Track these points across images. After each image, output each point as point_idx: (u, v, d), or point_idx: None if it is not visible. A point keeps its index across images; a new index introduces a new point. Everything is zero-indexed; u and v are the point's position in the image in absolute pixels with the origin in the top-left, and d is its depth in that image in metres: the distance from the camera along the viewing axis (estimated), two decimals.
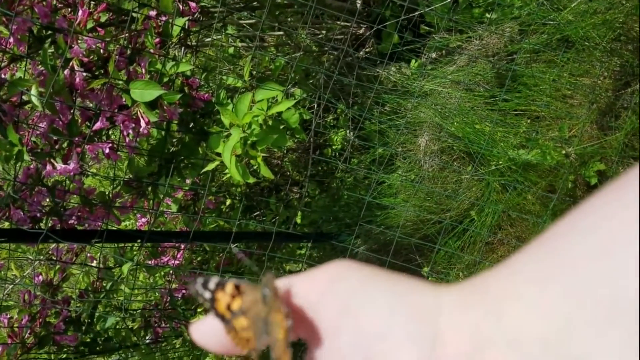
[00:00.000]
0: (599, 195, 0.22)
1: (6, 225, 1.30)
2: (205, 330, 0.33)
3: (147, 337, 1.59)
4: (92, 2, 1.16)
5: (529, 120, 1.55)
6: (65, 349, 1.50)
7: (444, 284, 0.27)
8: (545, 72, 1.50)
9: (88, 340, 1.51)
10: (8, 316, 1.44)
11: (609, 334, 0.20)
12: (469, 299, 0.25)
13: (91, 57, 1.19)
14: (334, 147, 1.64)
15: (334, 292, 0.28)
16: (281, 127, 1.32)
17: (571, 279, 0.21)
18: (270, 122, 1.30)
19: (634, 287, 0.20)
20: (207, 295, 0.33)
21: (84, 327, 1.46)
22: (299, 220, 1.62)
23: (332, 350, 0.27)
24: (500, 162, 1.45)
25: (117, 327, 1.53)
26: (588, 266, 0.21)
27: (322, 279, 0.30)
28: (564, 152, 1.43)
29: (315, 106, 1.54)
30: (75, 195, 1.33)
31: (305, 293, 0.30)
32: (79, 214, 1.33)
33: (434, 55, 1.61)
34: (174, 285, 1.56)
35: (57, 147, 1.25)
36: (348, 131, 1.63)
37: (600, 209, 0.22)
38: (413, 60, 1.66)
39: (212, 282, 0.33)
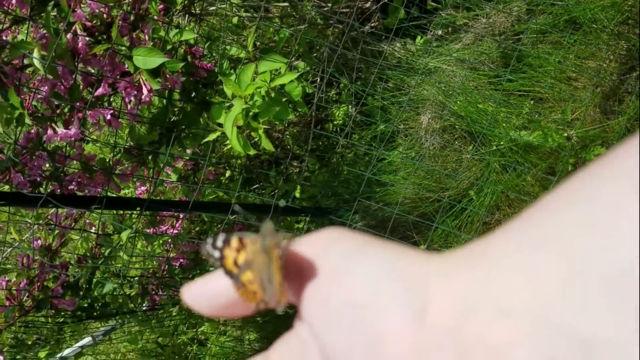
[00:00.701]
0: (599, 161, 0.22)
1: (6, 188, 1.30)
2: (197, 292, 0.33)
3: (144, 305, 1.61)
4: None
5: (532, 102, 1.54)
6: (62, 313, 1.51)
7: (435, 253, 0.27)
8: (551, 54, 1.49)
9: (85, 305, 1.52)
10: (6, 279, 1.46)
11: (603, 304, 0.19)
12: (459, 266, 0.25)
13: (94, 21, 1.18)
14: (335, 122, 1.63)
15: (326, 257, 0.29)
16: (283, 99, 1.31)
17: (568, 245, 0.21)
18: (272, 94, 1.30)
19: (631, 257, 0.20)
20: (217, 254, 0.33)
21: (81, 293, 1.48)
22: (297, 194, 1.62)
23: (321, 314, 0.27)
24: (502, 143, 1.45)
25: (115, 293, 1.54)
26: (586, 233, 0.20)
27: (315, 243, 0.30)
28: (565, 134, 1.42)
29: (318, 80, 1.52)
30: (75, 161, 1.33)
31: (298, 257, 0.30)
32: (79, 179, 1.34)
33: (440, 32, 1.60)
34: (172, 254, 1.57)
35: (58, 112, 1.24)
36: (350, 106, 1.62)
37: (601, 175, 0.22)
38: (419, 37, 1.64)
39: (220, 240, 0.33)
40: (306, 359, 0.31)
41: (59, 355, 1.68)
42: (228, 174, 1.61)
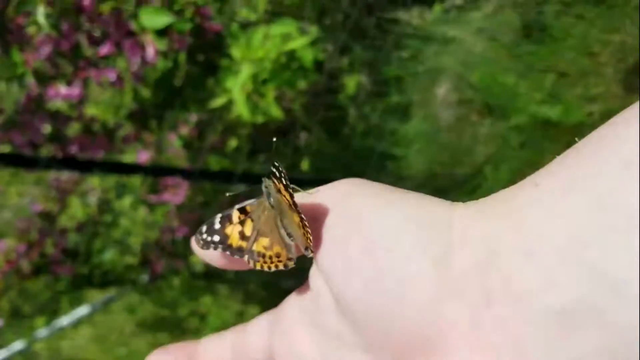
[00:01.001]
0: (630, 107, 0.21)
1: (6, 149, 1.28)
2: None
3: (144, 274, 1.59)
4: None
5: (553, 76, 1.51)
6: (61, 280, 1.50)
7: (460, 203, 0.26)
8: (574, 27, 1.45)
9: (85, 272, 1.50)
10: (5, 243, 1.44)
11: (629, 246, 0.19)
12: (485, 212, 0.24)
13: None
14: (347, 92, 1.60)
15: (345, 205, 0.28)
16: (294, 65, 1.28)
17: (597, 184, 0.20)
18: (283, 60, 1.26)
19: None
20: (217, 237, 0.31)
21: (81, 259, 1.46)
22: (305, 166, 1.59)
23: (339, 262, 0.27)
24: (520, 118, 1.42)
25: (115, 261, 1.53)
26: (612, 174, 0.20)
27: (333, 193, 0.29)
28: (587, 110, 1.40)
29: (331, 47, 1.49)
30: (76, 123, 1.31)
31: (315, 206, 0.29)
32: (80, 142, 1.31)
33: (458, 0, 1.56)
34: (174, 224, 1.54)
35: (61, 71, 1.22)
36: (363, 76, 1.58)
37: (626, 120, 0.20)
38: (437, 5, 1.61)
39: (216, 221, 0.31)
40: (320, 311, 0.30)
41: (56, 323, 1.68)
42: (234, 142, 1.57)
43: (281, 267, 0.31)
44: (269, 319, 0.35)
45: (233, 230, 0.31)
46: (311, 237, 0.29)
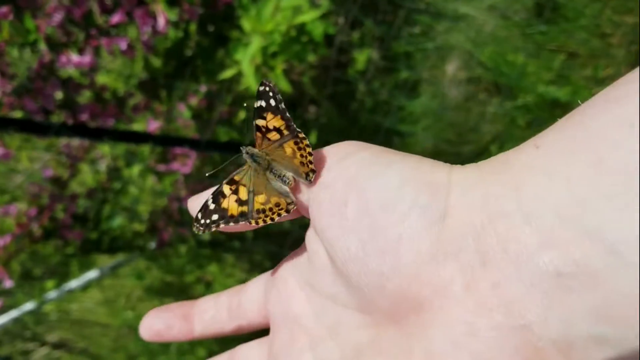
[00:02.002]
0: (634, 70, 0.21)
1: (18, 115, 1.29)
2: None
3: (152, 241, 1.61)
4: None
5: (563, 56, 1.49)
6: (70, 245, 1.51)
7: (459, 165, 0.26)
8: (587, 7, 1.42)
9: (93, 237, 1.52)
10: (17, 207, 1.46)
11: (628, 207, 0.19)
12: (485, 175, 0.24)
13: None
14: (356, 66, 1.58)
15: (343, 167, 0.28)
16: (304, 39, 1.27)
17: (597, 147, 0.20)
18: (293, 33, 1.25)
19: None
20: (215, 216, 0.32)
21: (90, 225, 1.48)
22: (313, 139, 1.59)
23: (336, 220, 0.27)
24: (528, 98, 1.40)
25: (123, 228, 1.54)
26: (616, 135, 0.20)
27: (332, 154, 0.29)
28: (595, 92, 1.38)
29: (342, 20, 1.47)
30: (88, 91, 1.31)
31: (315, 167, 0.30)
32: (91, 110, 1.32)
33: None
34: (182, 193, 1.56)
35: (72, 39, 1.22)
36: (373, 51, 1.57)
37: (629, 83, 0.21)
38: None
39: (209, 203, 0.32)
40: (315, 272, 0.30)
41: (65, 286, 1.70)
42: (242, 115, 1.57)
43: (284, 213, 0.31)
44: (265, 281, 0.36)
45: (229, 202, 0.32)
46: (311, 159, 0.29)
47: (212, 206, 0.32)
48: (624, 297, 0.19)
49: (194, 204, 0.33)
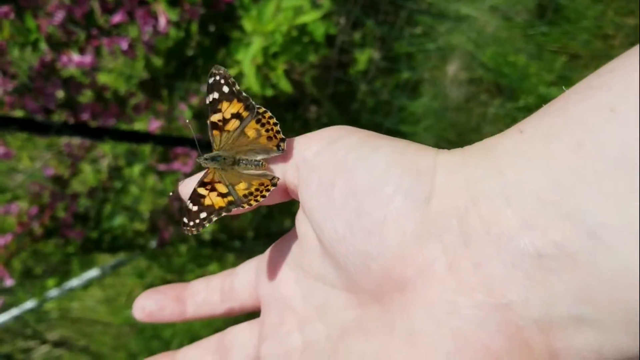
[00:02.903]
0: (617, 58, 0.21)
1: (20, 114, 1.29)
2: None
3: (153, 240, 1.61)
4: None
5: (565, 58, 1.48)
6: (71, 244, 1.52)
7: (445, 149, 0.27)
8: (589, 8, 1.42)
9: (94, 237, 1.52)
10: (18, 206, 1.46)
11: (608, 191, 0.19)
12: (469, 159, 0.25)
13: None
14: (358, 66, 1.58)
15: (331, 150, 0.28)
16: (305, 39, 1.27)
17: (579, 132, 0.21)
18: (294, 33, 1.25)
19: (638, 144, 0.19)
20: (204, 214, 0.31)
21: (91, 224, 1.48)
22: None
23: (324, 202, 0.27)
24: (530, 99, 1.40)
25: (124, 227, 1.54)
26: (597, 120, 0.20)
27: (320, 138, 0.30)
28: None
29: (343, 20, 1.47)
30: (89, 90, 1.31)
31: (302, 150, 0.30)
32: (92, 109, 1.32)
33: None
34: None
35: (73, 38, 1.22)
36: (374, 51, 1.57)
37: (613, 70, 0.21)
38: None
39: (190, 207, 0.32)
40: (304, 254, 0.31)
41: (66, 284, 1.70)
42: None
43: (272, 188, 0.31)
44: (256, 264, 0.37)
45: (212, 198, 0.32)
46: (278, 129, 0.30)
47: (194, 208, 0.32)
48: (602, 279, 0.19)
49: (185, 189, 0.33)
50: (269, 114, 0.31)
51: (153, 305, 0.38)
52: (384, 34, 1.53)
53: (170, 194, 1.44)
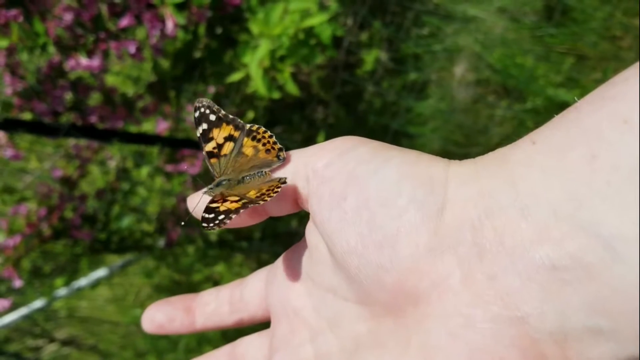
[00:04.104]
0: (631, 67, 0.21)
1: (28, 116, 1.29)
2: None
3: (161, 241, 1.61)
4: None
5: (573, 59, 1.48)
6: (80, 244, 1.52)
7: (457, 160, 0.27)
8: (598, 9, 1.41)
9: (103, 237, 1.53)
10: (27, 207, 1.47)
11: (622, 203, 0.19)
12: (482, 170, 0.25)
13: None
14: (365, 67, 1.58)
15: (342, 162, 0.28)
16: (312, 42, 1.26)
17: (593, 143, 0.20)
18: (301, 36, 1.25)
19: None
20: (222, 216, 0.31)
21: (99, 225, 1.48)
22: (321, 140, 1.59)
23: (336, 215, 0.27)
24: (537, 101, 1.40)
25: (132, 228, 1.55)
26: (610, 131, 0.20)
27: (330, 149, 0.29)
28: None
29: (350, 21, 1.47)
30: (97, 93, 1.32)
31: (312, 161, 0.30)
32: (100, 112, 1.32)
33: None
34: (190, 193, 1.56)
35: (82, 42, 1.22)
36: (381, 52, 1.57)
37: (627, 80, 0.21)
38: None
39: (208, 216, 0.31)
40: (315, 265, 0.31)
41: (75, 284, 1.71)
42: (251, 115, 1.58)
43: (283, 185, 0.31)
44: (266, 274, 0.37)
45: (226, 205, 0.31)
46: (274, 140, 0.30)
47: (211, 215, 0.31)
48: (618, 291, 0.19)
49: (192, 202, 0.34)
50: (262, 128, 0.31)
51: (162, 317, 0.38)
52: (391, 35, 1.53)
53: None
